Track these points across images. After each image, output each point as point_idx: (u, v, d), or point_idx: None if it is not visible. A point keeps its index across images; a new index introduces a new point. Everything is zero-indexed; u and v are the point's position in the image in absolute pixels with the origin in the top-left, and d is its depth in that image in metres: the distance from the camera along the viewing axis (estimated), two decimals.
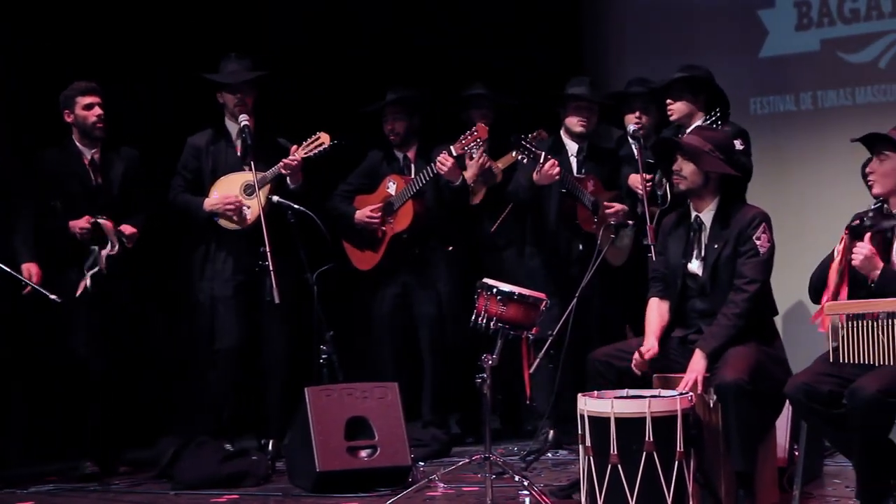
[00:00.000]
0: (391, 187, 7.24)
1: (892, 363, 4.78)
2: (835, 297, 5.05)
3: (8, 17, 7.22)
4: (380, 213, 7.21)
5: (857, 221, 5.11)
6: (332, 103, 7.74)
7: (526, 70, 8.45)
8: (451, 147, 6.93)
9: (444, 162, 6.93)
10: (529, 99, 7.57)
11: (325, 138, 6.78)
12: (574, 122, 7.08)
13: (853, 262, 5.06)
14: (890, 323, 4.74)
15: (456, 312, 7.10)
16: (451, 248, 7.34)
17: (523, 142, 6.79)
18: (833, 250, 5.15)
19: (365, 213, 7.23)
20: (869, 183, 5.18)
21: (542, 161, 6.76)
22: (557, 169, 6.78)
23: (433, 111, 7.44)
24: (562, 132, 7.16)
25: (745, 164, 6.51)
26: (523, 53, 8.60)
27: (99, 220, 6.56)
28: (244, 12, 7.93)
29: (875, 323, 4.75)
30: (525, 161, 6.83)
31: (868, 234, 5.07)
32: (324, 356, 6.57)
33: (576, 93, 7.07)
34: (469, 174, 7.30)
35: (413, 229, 7.18)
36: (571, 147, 7.14)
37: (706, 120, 6.49)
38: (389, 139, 7.34)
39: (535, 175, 6.83)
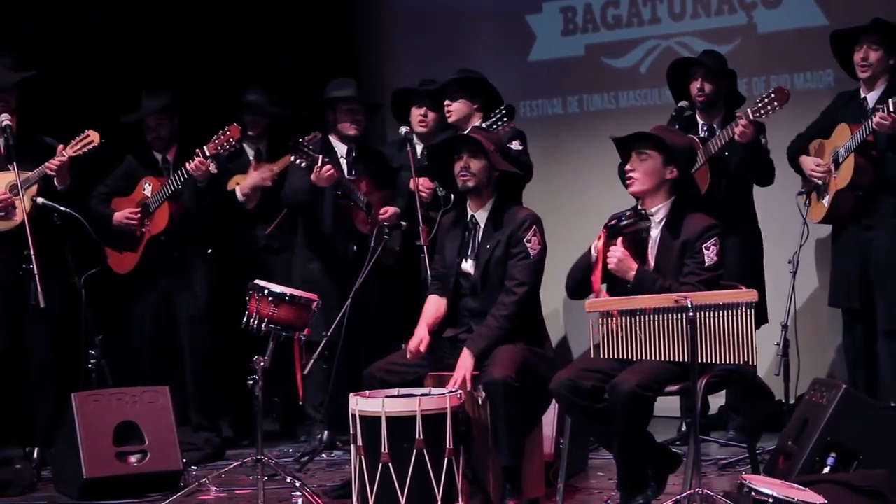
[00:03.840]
0: (147, 189, 7.12)
1: (650, 358, 4.95)
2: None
3: None
4: (138, 215, 7.11)
5: (614, 221, 5.28)
6: (96, 105, 7.57)
7: (300, 73, 8.44)
8: (205, 147, 6.89)
9: (199, 163, 6.88)
10: (303, 102, 7.57)
11: (94, 137, 6.63)
12: (345, 125, 7.11)
13: (609, 266, 5.23)
14: (647, 319, 4.91)
15: (216, 315, 7.10)
16: (209, 251, 7.29)
17: (301, 146, 6.79)
18: (591, 247, 5.33)
19: (124, 214, 7.10)
20: (628, 182, 5.33)
21: (319, 164, 6.78)
22: (334, 171, 6.81)
23: (217, 114, 7.36)
24: (330, 135, 7.17)
25: (527, 162, 6.69)
26: (298, 56, 8.58)
27: None
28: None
29: (633, 319, 4.92)
30: (303, 165, 6.83)
31: (621, 239, 5.25)
32: (92, 361, 6.44)
33: (344, 95, 7.11)
34: (247, 184, 7.32)
35: (170, 231, 7.09)
36: (340, 149, 7.15)
37: (491, 118, 6.61)
38: (151, 144, 7.24)
39: (312, 177, 6.83)
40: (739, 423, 6.74)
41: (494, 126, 6.56)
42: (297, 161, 6.82)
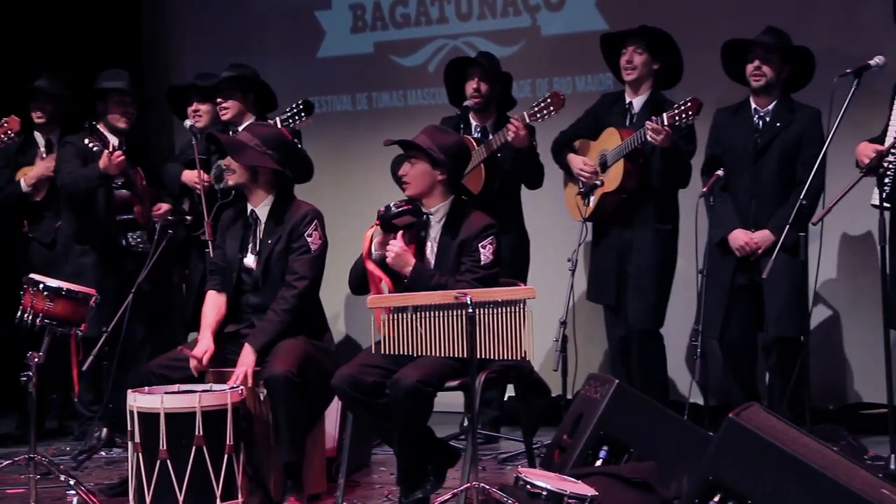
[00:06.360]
0: None
1: (431, 354, 5.01)
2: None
3: None
4: None
5: (384, 209, 5.33)
6: None
7: (88, 63, 8.23)
8: None
9: None
10: (78, 91, 7.41)
11: None
12: (117, 117, 7.00)
13: (386, 259, 5.28)
14: (428, 315, 4.97)
15: None
16: None
17: (98, 129, 6.67)
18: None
19: None
20: (403, 185, 5.41)
21: (111, 150, 6.66)
22: (123, 157, 6.70)
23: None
24: (101, 126, 7.03)
25: (310, 160, 6.71)
26: (86, 46, 8.37)
27: None
28: None
29: (413, 315, 4.97)
30: (96, 149, 6.69)
31: (401, 233, 5.31)
32: None
33: (116, 87, 7.00)
34: (32, 175, 7.14)
35: None
36: (112, 141, 7.03)
37: (287, 112, 6.59)
38: None
39: (102, 163, 6.69)
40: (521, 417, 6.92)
41: (290, 121, 6.57)
42: (91, 145, 6.68)
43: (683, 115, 6.15)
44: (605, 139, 6.62)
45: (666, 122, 6.19)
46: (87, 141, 6.71)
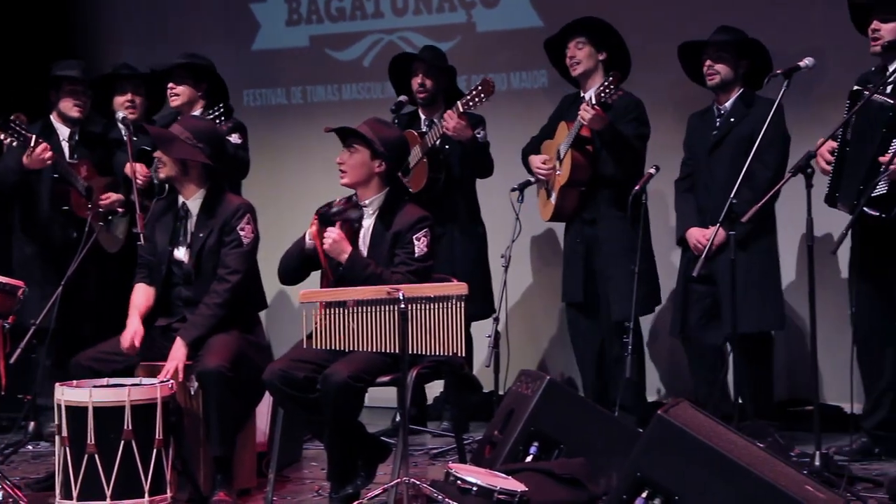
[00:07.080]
0: None
1: (362, 349, 5.01)
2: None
3: None
4: None
5: (326, 208, 5.34)
6: None
7: (15, 52, 8.12)
8: None
9: None
10: (12, 80, 7.32)
11: None
12: (69, 106, 6.94)
13: (323, 246, 5.28)
14: (360, 310, 4.97)
15: None
16: None
17: (12, 124, 6.57)
18: (304, 234, 5.36)
19: None
20: (340, 172, 5.40)
21: (32, 144, 6.58)
22: (49, 153, 6.62)
23: None
24: (52, 116, 6.97)
25: (242, 157, 6.66)
26: (12, 34, 8.26)
27: None
28: None
29: (345, 310, 4.96)
30: (15, 144, 6.61)
31: (339, 222, 5.31)
32: None
33: (71, 75, 6.93)
34: None
35: None
36: (63, 131, 6.98)
37: (210, 113, 6.55)
38: None
39: (25, 159, 6.62)
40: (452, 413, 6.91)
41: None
42: (8, 140, 6.60)
43: (608, 90, 6.18)
44: (558, 135, 6.64)
45: (594, 101, 6.21)
46: (2, 136, 6.62)
